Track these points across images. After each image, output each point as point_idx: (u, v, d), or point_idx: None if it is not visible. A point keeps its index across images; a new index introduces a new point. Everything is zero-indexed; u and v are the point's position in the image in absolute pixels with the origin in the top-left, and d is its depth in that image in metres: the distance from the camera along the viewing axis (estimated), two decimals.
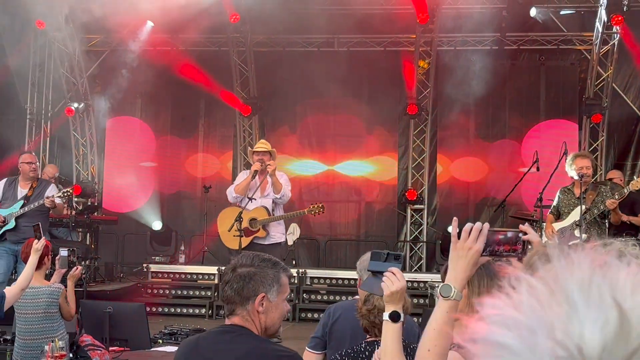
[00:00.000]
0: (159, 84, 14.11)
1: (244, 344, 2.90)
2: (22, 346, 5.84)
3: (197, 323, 9.13)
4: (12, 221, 8.57)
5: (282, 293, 3.02)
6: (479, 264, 2.30)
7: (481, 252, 2.27)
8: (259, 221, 8.62)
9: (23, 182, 8.86)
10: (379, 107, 14.03)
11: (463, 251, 2.26)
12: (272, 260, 3.10)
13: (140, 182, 14.71)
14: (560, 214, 8.05)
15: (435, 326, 2.19)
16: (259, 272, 3.00)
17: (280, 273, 3.03)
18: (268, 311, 2.98)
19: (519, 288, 0.80)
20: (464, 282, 2.25)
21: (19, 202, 8.66)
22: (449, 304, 2.21)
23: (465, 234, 2.28)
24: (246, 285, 2.97)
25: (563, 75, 13.78)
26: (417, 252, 13.47)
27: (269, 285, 2.98)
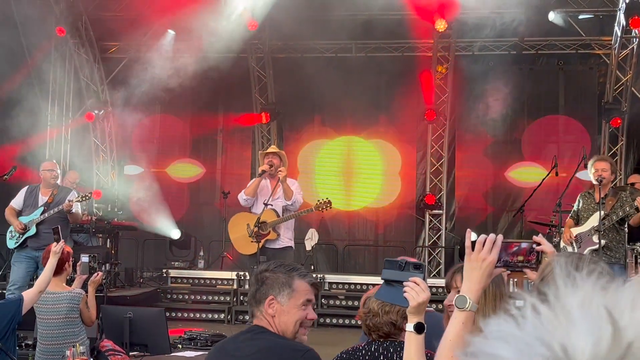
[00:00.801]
0: (178, 91, 14.19)
1: (262, 340, 3.00)
2: (44, 351, 5.91)
3: (216, 328, 9.20)
4: (33, 228, 8.65)
5: (295, 298, 3.05)
6: (494, 275, 2.32)
7: (495, 263, 2.29)
8: (269, 223, 8.63)
9: (44, 189, 8.95)
10: (397, 112, 14.03)
11: (477, 262, 2.27)
12: (289, 266, 3.16)
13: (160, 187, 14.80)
14: (579, 219, 8.02)
15: (452, 337, 2.22)
16: (271, 276, 3.08)
17: (294, 278, 3.07)
18: (279, 314, 3.04)
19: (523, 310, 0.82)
20: (479, 293, 2.27)
21: (40, 208, 8.76)
22: (464, 315, 2.23)
23: (479, 245, 2.30)
24: (259, 289, 3.08)
25: (582, 80, 13.72)
26: (435, 257, 13.45)
27: (279, 289, 3.04)
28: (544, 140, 13.68)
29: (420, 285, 2.63)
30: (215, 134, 14.93)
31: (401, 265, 2.74)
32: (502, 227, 12.89)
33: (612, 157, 12.11)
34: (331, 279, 11.84)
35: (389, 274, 2.78)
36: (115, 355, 5.60)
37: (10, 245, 8.79)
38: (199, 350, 7.87)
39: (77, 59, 13.93)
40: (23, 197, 8.93)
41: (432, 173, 13.54)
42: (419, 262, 2.78)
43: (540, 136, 13.75)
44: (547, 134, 13.78)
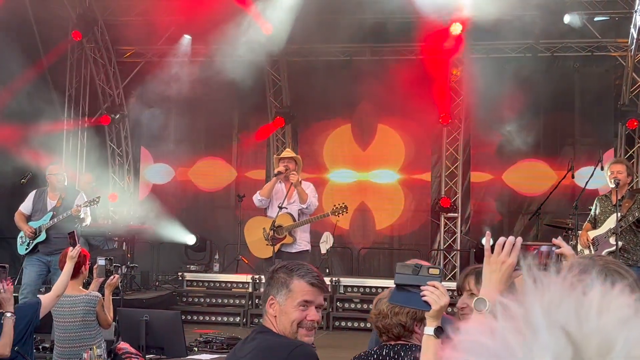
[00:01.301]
0: (193, 95, 14.26)
1: (260, 339, 3.05)
2: (61, 354, 5.94)
3: (231, 331, 9.21)
4: (43, 233, 8.64)
5: (292, 298, 3.04)
6: (513, 277, 2.31)
7: (514, 266, 2.28)
8: (285, 227, 8.63)
9: (52, 193, 8.89)
10: (411, 116, 14.00)
11: (497, 265, 2.27)
12: (290, 265, 3.16)
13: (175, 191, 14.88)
14: (596, 222, 7.98)
15: None
16: (274, 276, 3.12)
17: (292, 278, 3.06)
18: (279, 315, 3.06)
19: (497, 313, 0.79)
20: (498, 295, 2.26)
21: (49, 213, 8.72)
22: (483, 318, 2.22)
23: (498, 247, 2.29)
24: (265, 290, 3.17)
25: (598, 82, 13.64)
26: (451, 260, 13.41)
27: (277, 289, 3.07)
28: (560, 143, 13.62)
29: (440, 289, 2.61)
30: (231, 137, 14.97)
31: (416, 268, 2.70)
32: (518, 230, 12.83)
33: (628, 159, 12.03)
34: (346, 282, 11.83)
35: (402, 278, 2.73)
36: (131, 358, 5.63)
37: (21, 251, 8.79)
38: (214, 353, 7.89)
39: (93, 63, 14.02)
40: (32, 201, 8.89)
41: (447, 176, 13.51)
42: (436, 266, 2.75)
43: (556, 139, 13.69)
44: (562, 136, 13.71)
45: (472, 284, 2.94)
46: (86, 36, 13.45)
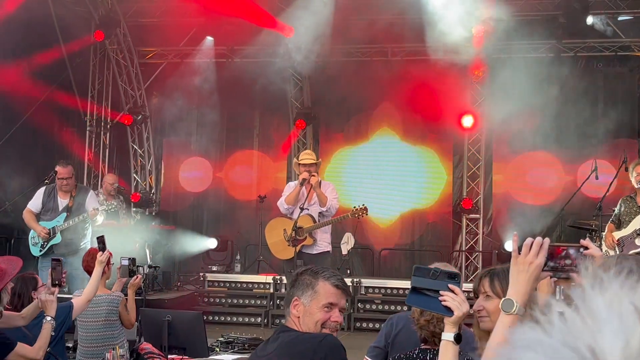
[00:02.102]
0: (214, 96, 14.31)
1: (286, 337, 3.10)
2: (84, 353, 5.97)
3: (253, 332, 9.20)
4: (57, 235, 8.54)
5: (317, 300, 3.10)
6: (540, 279, 2.29)
7: (542, 267, 2.26)
8: (305, 229, 8.64)
9: (61, 192, 8.75)
10: (433, 116, 13.94)
11: (524, 266, 2.25)
12: (316, 269, 3.22)
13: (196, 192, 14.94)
14: (621, 223, 7.90)
15: (498, 341, 2.19)
16: (299, 278, 3.19)
17: (317, 280, 3.13)
18: (303, 315, 3.11)
19: (549, 316, 0.81)
20: (525, 296, 2.25)
21: (62, 214, 8.62)
22: (511, 319, 2.20)
23: (526, 248, 2.27)
24: (289, 292, 3.22)
25: (621, 82, 13.52)
26: (472, 262, 13.33)
27: (302, 290, 3.13)
28: (583, 144, 13.49)
29: (460, 296, 2.61)
30: (252, 138, 15.00)
31: (435, 273, 2.69)
32: (541, 231, 12.72)
33: None
34: (367, 283, 11.80)
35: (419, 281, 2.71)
36: (154, 358, 5.63)
37: (34, 252, 8.65)
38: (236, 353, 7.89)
39: (115, 64, 14.11)
40: (41, 200, 8.74)
41: (469, 177, 13.43)
42: (454, 272, 2.73)
43: (579, 139, 13.57)
44: (586, 137, 13.59)
45: (486, 286, 2.91)
46: (109, 37, 13.54)
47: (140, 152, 14.67)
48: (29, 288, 5.53)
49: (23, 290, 5.46)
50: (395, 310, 11.09)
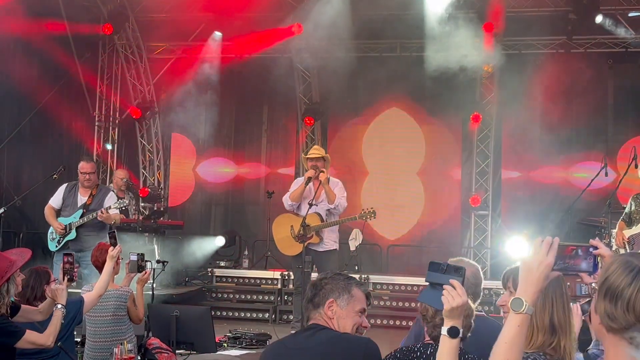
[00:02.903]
0: (222, 91, 14.32)
1: (326, 334, 3.16)
2: (92, 348, 5.98)
3: (260, 327, 9.23)
4: (73, 231, 8.60)
5: (353, 304, 3.23)
6: (550, 278, 2.28)
7: (552, 266, 2.24)
8: (312, 227, 8.63)
9: (82, 188, 8.79)
10: (442, 112, 13.93)
11: (534, 265, 2.24)
12: (346, 275, 3.37)
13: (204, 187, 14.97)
14: (631, 221, 7.86)
15: (507, 339, 2.19)
16: (330, 282, 3.28)
17: (352, 286, 3.26)
18: (338, 318, 3.20)
19: None
20: (535, 295, 2.24)
21: (79, 211, 8.65)
22: (520, 318, 2.19)
23: (536, 247, 2.26)
24: (318, 294, 3.26)
25: (631, 78, 13.44)
26: (481, 258, 13.29)
27: (339, 293, 3.23)
28: (593, 140, 13.45)
29: (457, 290, 2.62)
30: (260, 134, 15.00)
31: (443, 268, 2.73)
32: (550, 229, 12.68)
33: None
34: (375, 279, 11.80)
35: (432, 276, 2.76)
36: (162, 353, 5.66)
37: (51, 247, 8.76)
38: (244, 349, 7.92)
39: (124, 60, 14.12)
40: (62, 196, 8.81)
41: (477, 173, 13.40)
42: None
43: (589, 135, 13.52)
44: (595, 133, 13.55)
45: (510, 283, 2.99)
46: (117, 32, 13.55)
47: (149, 148, 14.69)
48: (42, 281, 5.56)
49: (36, 283, 5.49)
50: (403, 306, 11.08)
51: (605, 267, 2.23)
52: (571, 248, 2.36)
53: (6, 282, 4.39)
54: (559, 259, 2.29)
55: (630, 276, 2.13)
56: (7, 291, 4.44)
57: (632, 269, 2.16)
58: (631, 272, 2.14)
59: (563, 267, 2.33)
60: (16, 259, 4.46)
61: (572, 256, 2.34)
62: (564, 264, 2.32)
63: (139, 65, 14.16)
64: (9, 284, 4.43)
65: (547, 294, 2.71)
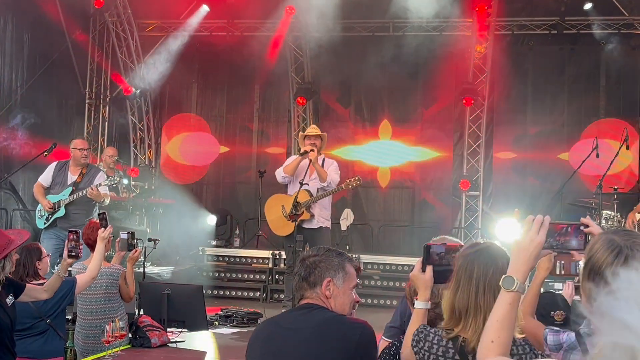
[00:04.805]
0: (214, 69, 14.26)
1: (321, 315, 3.11)
2: (84, 326, 5.99)
3: (252, 306, 9.25)
4: (62, 208, 8.59)
5: (348, 281, 3.20)
6: (541, 256, 2.29)
7: (543, 244, 2.25)
8: (302, 203, 8.62)
9: (73, 167, 8.78)
10: (435, 92, 13.92)
11: (525, 243, 2.24)
12: (337, 250, 3.29)
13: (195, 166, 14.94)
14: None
15: (499, 318, 2.19)
16: (324, 259, 3.20)
17: (345, 262, 3.22)
18: (336, 296, 3.16)
19: None
20: (526, 274, 2.24)
21: (68, 188, 8.63)
22: (511, 296, 2.20)
23: (527, 225, 2.27)
24: (312, 272, 3.19)
25: (624, 60, 13.41)
26: (472, 238, 13.34)
27: (335, 272, 3.18)
28: (585, 121, 13.47)
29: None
30: (252, 113, 14.95)
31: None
32: (541, 209, 12.72)
33: None
34: (366, 259, 11.82)
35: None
36: (153, 331, 5.66)
37: (39, 225, 8.74)
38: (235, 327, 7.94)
39: (115, 37, 14.03)
40: (52, 173, 8.79)
41: (469, 154, 13.41)
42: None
43: (581, 117, 13.54)
44: (587, 114, 13.56)
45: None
46: (108, 8, 13.46)
47: (140, 126, 14.63)
48: (33, 258, 5.57)
49: (27, 260, 5.52)
50: (394, 286, 11.12)
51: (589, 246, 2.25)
52: (562, 226, 2.37)
53: (3, 259, 4.40)
54: (550, 237, 2.30)
55: (612, 255, 2.14)
56: (3, 268, 4.47)
57: (615, 247, 2.17)
58: (613, 251, 2.15)
59: (554, 246, 2.34)
60: (15, 238, 4.48)
61: (563, 234, 2.35)
62: (555, 242, 2.34)
63: (130, 42, 14.07)
64: (5, 261, 4.45)
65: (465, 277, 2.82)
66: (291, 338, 3.09)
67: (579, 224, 2.42)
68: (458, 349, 2.79)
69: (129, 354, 5.29)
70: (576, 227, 2.40)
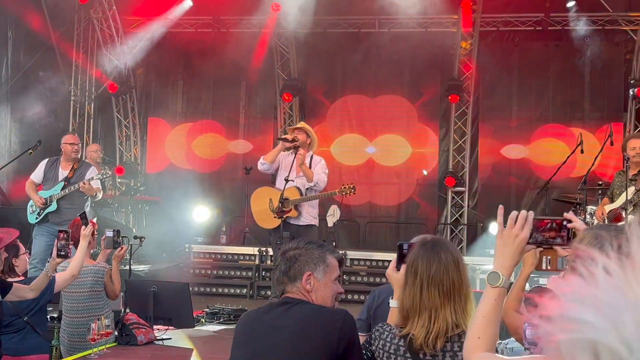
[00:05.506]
0: (199, 66, 14.22)
1: (302, 310, 3.09)
2: (69, 324, 5.96)
3: (238, 303, 9.23)
4: (54, 203, 8.61)
5: (330, 273, 3.17)
6: (525, 252, 2.30)
7: (527, 240, 2.26)
8: (291, 201, 8.57)
9: (64, 162, 8.81)
10: (420, 89, 13.95)
11: (509, 239, 2.25)
12: (318, 242, 3.27)
13: (181, 163, 14.89)
14: (613, 197, 7.95)
15: (484, 314, 2.20)
16: (304, 253, 3.17)
17: (326, 254, 3.19)
18: (317, 290, 3.14)
19: (594, 269, 0.80)
20: (511, 269, 2.25)
21: (60, 183, 8.64)
22: (497, 292, 2.21)
23: (511, 221, 2.28)
24: (292, 266, 3.16)
25: (608, 56, 13.50)
26: (457, 234, 13.40)
27: (315, 265, 3.15)
28: (570, 117, 13.54)
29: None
30: (238, 109, 14.93)
31: None
32: (526, 205, 12.79)
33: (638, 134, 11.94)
34: (353, 255, 11.85)
35: None
36: (139, 329, 5.64)
37: (31, 220, 8.75)
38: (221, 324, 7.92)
39: (100, 33, 13.97)
40: (43, 170, 8.80)
41: (455, 150, 13.46)
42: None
43: (566, 112, 13.61)
44: (572, 110, 13.63)
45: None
46: (93, 7, 13.40)
47: (125, 123, 14.58)
48: (9, 255, 5.53)
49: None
50: (380, 282, 11.13)
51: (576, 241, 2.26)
52: (545, 222, 2.38)
53: None
54: (534, 232, 2.31)
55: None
56: None
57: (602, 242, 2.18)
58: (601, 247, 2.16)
59: (538, 241, 2.35)
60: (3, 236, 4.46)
61: (546, 230, 2.37)
62: (539, 237, 2.35)
63: (116, 39, 14.01)
64: None
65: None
66: (275, 336, 3.08)
67: (563, 219, 2.44)
68: (407, 346, 2.82)
69: (115, 352, 5.27)
70: (560, 222, 2.41)
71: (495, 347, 2.22)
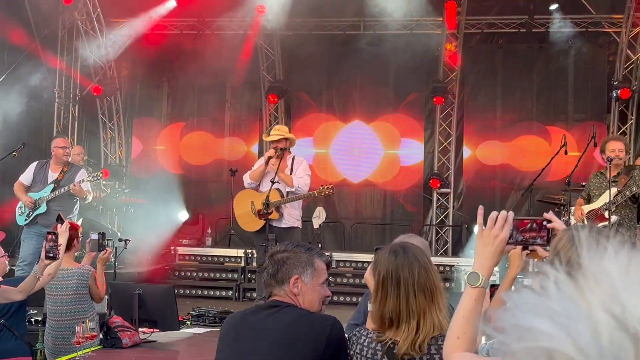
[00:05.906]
0: (184, 68, 14.19)
1: (290, 314, 3.06)
2: (54, 327, 5.94)
3: (224, 305, 9.22)
4: (43, 205, 8.62)
5: (317, 277, 3.15)
6: (505, 252, 2.32)
7: (507, 240, 2.28)
8: (272, 203, 8.61)
9: (54, 165, 8.84)
10: (405, 91, 13.98)
11: (489, 239, 2.27)
12: (306, 245, 3.25)
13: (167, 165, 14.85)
14: (590, 197, 8.00)
15: (464, 314, 2.21)
16: (292, 256, 3.15)
17: (314, 257, 3.17)
18: (304, 293, 3.12)
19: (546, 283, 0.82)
20: (490, 269, 2.27)
21: (50, 185, 8.68)
22: (476, 292, 2.22)
23: (491, 222, 2.30)
24: (280, 269, 3.14)
25: (591, 59, 13.59)
26: (442, 236, 13.44)
27: (303, 268, 3.13)
28: (553, 119, 13.61)
29: None
30: (223, 111, 14.90)
31: None
32: (511, 206, 12.84)
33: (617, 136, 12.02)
34: (338, 257, 11.86)
35: None
36: (124, 332, 5.63)
37: (20, 221, 8.76)
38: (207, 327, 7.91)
39: (85, 35, 13.91)
40: (32, 172, 8.84)
41: (440, 151, 13.50)
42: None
43: (550, 114, 13.68)
44: (555, 112, 13.71)
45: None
46: (77, 8, 13.34)
47: (110, 125, 14.53)
48: None
49: None
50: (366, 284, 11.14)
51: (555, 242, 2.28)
52: (526, 222, 2.40)
53: None
54: (514, 232, 2.33)
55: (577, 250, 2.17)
56: None
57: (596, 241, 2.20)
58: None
59: (518, 241, 2.37)
60: None
61: (526, 230, 2.39)
62: (519, 237, 2.37)
63: (100, 40, 13.95)
64: None
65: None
66: (261, 339, 3.06)
67: (542, 219, 2.46)
68: (385, 351, 2.82)
69: (100, 355, 5.26)
70: (540, 222, 2.43)
71: (475, 347, 2.24)
